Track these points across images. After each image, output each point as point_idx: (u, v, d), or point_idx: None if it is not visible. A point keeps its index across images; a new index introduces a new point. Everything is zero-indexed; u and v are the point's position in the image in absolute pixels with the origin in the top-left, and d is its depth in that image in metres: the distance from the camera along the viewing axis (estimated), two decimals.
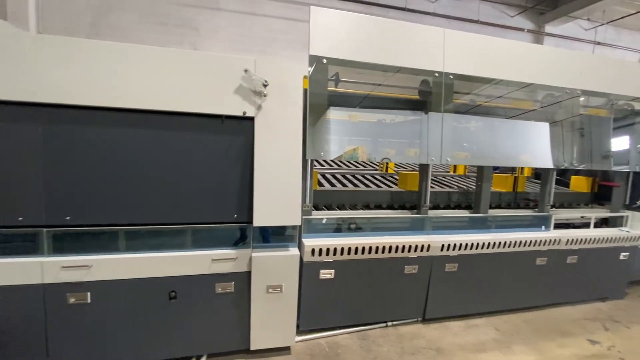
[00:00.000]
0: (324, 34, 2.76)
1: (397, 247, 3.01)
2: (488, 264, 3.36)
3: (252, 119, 2.44)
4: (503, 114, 3.58)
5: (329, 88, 2.89)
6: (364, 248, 2.92)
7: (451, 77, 3.15)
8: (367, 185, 4.07)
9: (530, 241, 3.44)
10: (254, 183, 2.44)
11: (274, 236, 2.71)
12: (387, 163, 5.15)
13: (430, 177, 3.31)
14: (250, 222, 2.49)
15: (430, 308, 3.27)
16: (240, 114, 2.41)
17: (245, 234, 2.59)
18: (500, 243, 3.33)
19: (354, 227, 3.08)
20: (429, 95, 3.17)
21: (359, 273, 2.98)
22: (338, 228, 3.06)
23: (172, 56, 2.28)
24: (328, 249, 2.84)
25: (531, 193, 4.42)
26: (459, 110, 3.32)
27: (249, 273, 2.54)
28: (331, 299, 2.96)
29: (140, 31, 6.00)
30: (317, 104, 2.79)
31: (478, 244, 3.26)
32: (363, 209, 3.54)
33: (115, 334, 2.36)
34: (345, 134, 3.11)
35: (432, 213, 3.39)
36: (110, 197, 2.26)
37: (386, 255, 3.01)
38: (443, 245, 3.16)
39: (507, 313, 3.57)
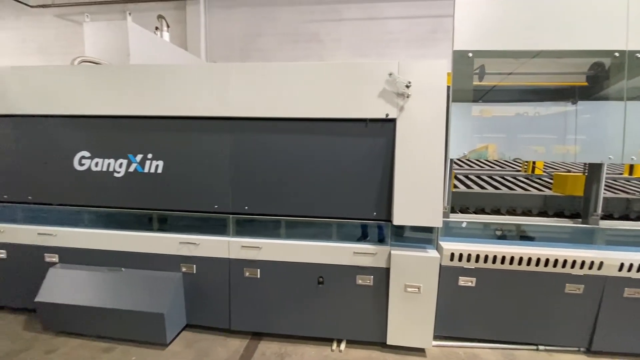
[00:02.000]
0: (469, 27, 2.61)
1: (556, 260, 2.60)
2: None
3: (393, 120, 2.52)
4: None
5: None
6: (512, 258, 2.63)
7: (638, 55, 2.53)
8: (509, 188, 3.63)
9: None
10: (394, 182, 2.51)
11: (394, 236, 2.70)
12: (533, 163, 4.47)
13: (603, 179, 2.72)
14: (389, 220, 2.58)
15: (600, 338, 2.70)
16: (382, 116, 2.52)
17: (367, 231, 2.71)
18: None
19: (499, 234, 2.80)
20: (604, 80, 2.62)
21: (506, 285, 2.70)
22: (480, 233, 2.84)
23: (325, 69, 2.56)
24: (469, 255, 2.67)
25: None
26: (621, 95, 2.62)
27: (387, 269, 2.63)
28: (470, 308, 2.78)
29: (278, 50, 6.92)
30: (460, 101, 2.67)
31: None
32: (508, 214, 3.17)
33: (276, 306, 2.81)
34: (476, 131, 2.86)
35: (604, 224, 2.78)
36: (276, 192, 2.70)
37: (541, 268, 2.63)
38: (622, 265, 2.56)
39: None
